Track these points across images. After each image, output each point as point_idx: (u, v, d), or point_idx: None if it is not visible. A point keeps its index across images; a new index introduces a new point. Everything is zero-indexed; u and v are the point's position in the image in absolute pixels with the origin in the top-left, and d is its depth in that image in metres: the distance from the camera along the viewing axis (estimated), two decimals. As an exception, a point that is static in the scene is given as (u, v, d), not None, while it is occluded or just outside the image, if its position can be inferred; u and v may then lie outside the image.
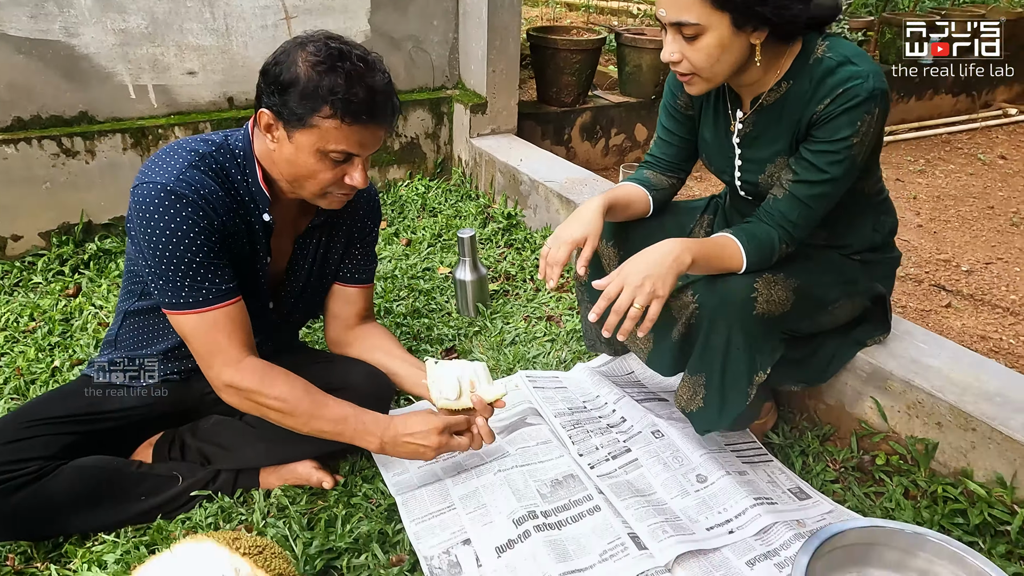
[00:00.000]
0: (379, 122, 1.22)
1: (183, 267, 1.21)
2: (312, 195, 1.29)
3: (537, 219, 2.69)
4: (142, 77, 2.50)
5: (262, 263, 1.39)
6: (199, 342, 1.26)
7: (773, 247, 1.34)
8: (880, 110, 1.21)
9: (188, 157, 1.24)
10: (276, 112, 1.20)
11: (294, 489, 1.48)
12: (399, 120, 2.99)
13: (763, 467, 1.54)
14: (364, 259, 1.57)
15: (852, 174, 1.28)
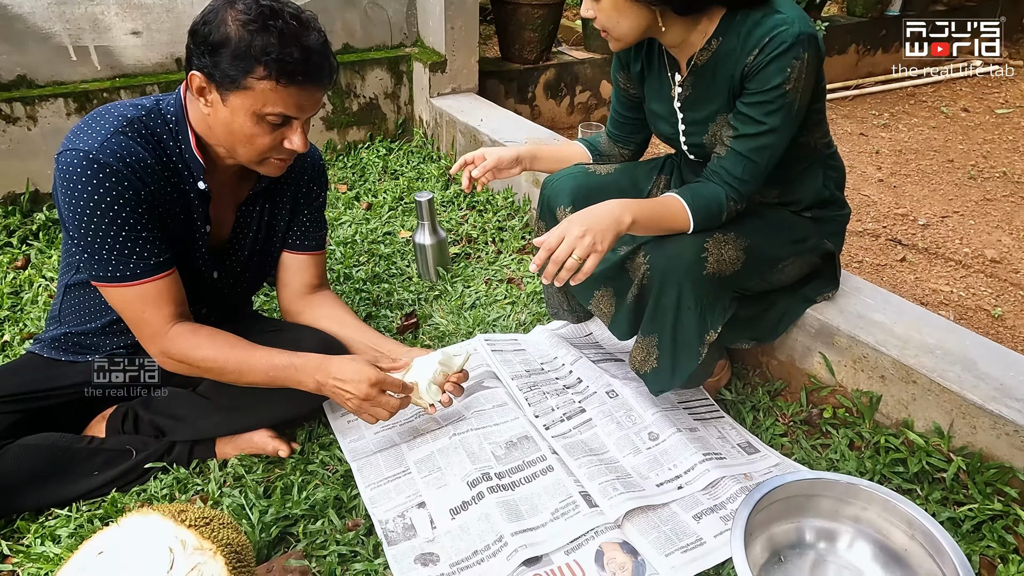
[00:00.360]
0: (316, 83, 1.18)
1: (108, 240, 1.18)
2: (250, 161, 1.26)
3: (499, 181, 2.66)
4: (83, 38, 2.39)
5: (200, 232, 1.35)
6: (129, 314, 1.26)
7: (721, 205, 1.34)
8: (810, 55, 1.21)
9: (115, 123, 1.19)
10: (208, 74, 1.16)
11: (251, 458, 1.49)
12: (358, 80, 2.92)
13: (714, 423, 1.58)
14: (312, 225, 1.54)
15: (791, 123, 1.28)
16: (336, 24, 2.85)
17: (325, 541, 1.29)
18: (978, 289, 2.31)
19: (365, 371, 1.29)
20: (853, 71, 4.64)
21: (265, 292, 2.09)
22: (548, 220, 1.67)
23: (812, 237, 1.49)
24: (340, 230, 2.48)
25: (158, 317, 1.25)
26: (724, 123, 1.35)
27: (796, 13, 1.22)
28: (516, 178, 2.55)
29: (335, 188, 2.80)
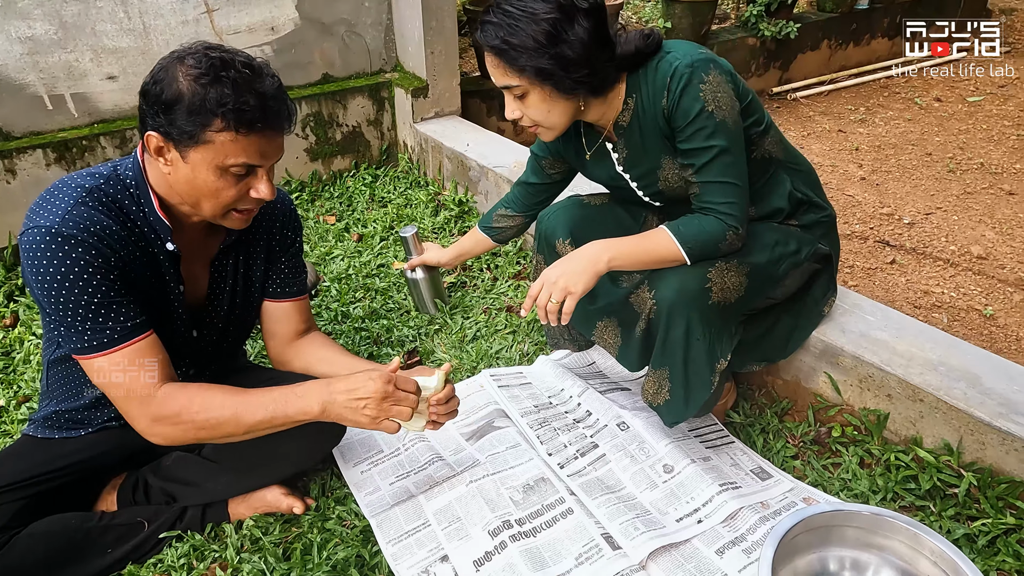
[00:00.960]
0: (276, 128, 1.16)
1: (81, 310, 1.14)
2: (215, 215, 1.22)
3: (489, 204, 2.65)
4: (57, 86, 2.35)
5: (175, 293, 1.32)
6: (114, 385, 1.19)
7: (715, 234, 1.34)
8: (712, 75, 1.27)
9: (74, 195, 1.16)
10: (164, 133, 1.13)
11: (266, 518, 1.47)
12: (340, 110, 2.90)
13: (726, 450, 1.59)
14: (291, 272, 1.50)
15: (736, 138, 1.32)
16: (314, 55, 2.83)
17: (350, 603, 1.28)
18: (968, 288, 2.35)
19: (373, 374, 1.22)
20: (826, 66, 4.69)
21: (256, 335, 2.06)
22: (547, 253, 1.68)
23: (805, 245, 1.50)
24: (333, 265, 2.46)
25: (143, 381, 1.19)
26: (671, 166, 1.40)
27: (683, 48, 1.31)
28: (507, 203, 2.54)
29: (323, 220, 2.77)
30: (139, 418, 1.20)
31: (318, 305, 2.23)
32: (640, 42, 1.32)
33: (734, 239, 1.35)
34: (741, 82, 1.36)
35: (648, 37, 1.32)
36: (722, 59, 1.33)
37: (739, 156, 1.33)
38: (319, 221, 2.77)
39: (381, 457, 1.60)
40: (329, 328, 2.13)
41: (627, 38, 1.32)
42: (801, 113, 4.18)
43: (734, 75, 1.33)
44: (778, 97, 4.44)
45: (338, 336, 2.09)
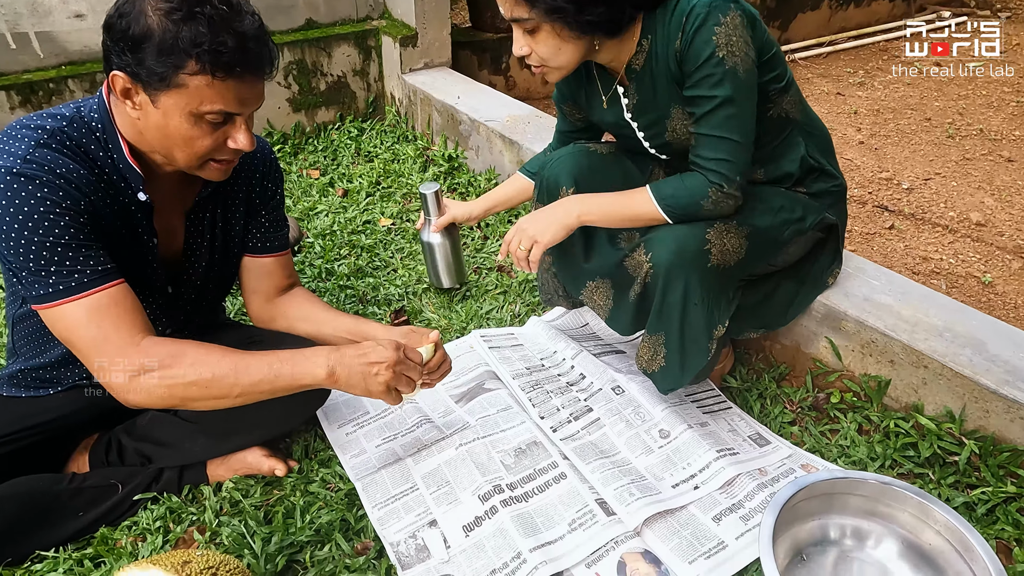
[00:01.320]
0: (256, 72, 1.06)
1: (46, 252, 1.03)
2: (190, 166, 1.12)
3: (480, 161, 2.56)
4: (20, 23, 2.19)
5: (148, 247, 1.22)
6: (82, 337, 1.06)
7: (699, 192, 1.27)
8: (731, 17, 1.18)
9: (34, 135, 1.05)
10: (131, 73, 1.02)
11: (246, 480, 1.41)
12: (324, 58, 2.76)
13: (723, 415, 1.55)
14: (272, 225, 1.41)
15: (745, 89, 1.22)
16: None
17: (335, 568, 1.24)
18: (966, 255, 2.31)
19: (384, 341, 1.16)
20: (826, 27, 4.58)
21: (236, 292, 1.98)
22: (546, 203, 1.58)
23: (811, 213, 1.44)
24: (317, 220, 2.36)
25: (119, 329, 1.06)
26: (681, 116, 1.31)
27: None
28: (500, 159, 2.45)
29: (307, 174, 2.66)
30: (115, 373, 1.06)
31: (301, 262, 2.15)
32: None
33: (719, 198, 1.26)
34: (765, 31, 1.26)
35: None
36: (747, 3, 1.22)
37: (744, 109, 1.23)
38: (302, 175, 2.66)
39: (367, 419, 1.54)
40: (313, 286, 2.05)
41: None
42: (799, 75, 4.08)
43: (757, 21, 1.23)
44: (777, 58, 4.33)
45: (322, 294, 2.01)
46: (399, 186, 2.57)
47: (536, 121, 2.47)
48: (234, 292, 1.95)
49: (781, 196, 1.40)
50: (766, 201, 1.39)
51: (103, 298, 1.07)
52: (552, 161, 1.56)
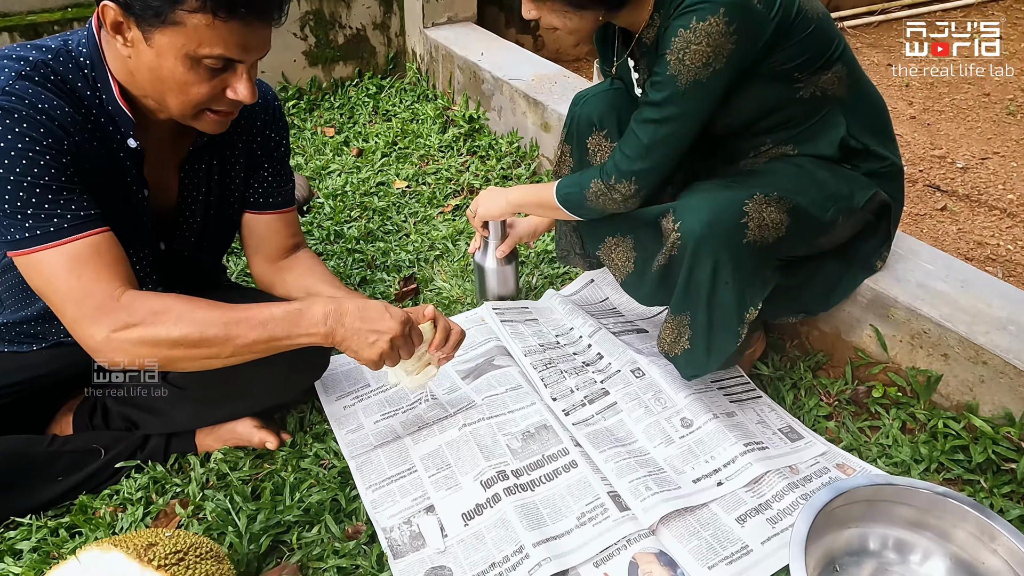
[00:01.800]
0: (263, 16, 0.94)
1: (23, 193, 0.93)
2: (183, 114, 1.01)
3: (502, 122, 2.42)
4: (25, -39, 2.09)
5: (137, 198, 1.11)
6: (58, 289, 0.95)
7: (584, 180, 1.28)
8: (710, 23, 1.05)
9: (15, 66, 0.95)
10: (123, 5, 0.90)
11: (236, 452, 1.33)
12: (343, 9, 2.62)
13: (752, 405, 1.42)
14: (276, 179, 1.29)
15: (681, 100, 1.13)
16: (316, -57, 2.53)
17: (322, 552, 1.14)
18: (1026, 241, 2.12)
19: (391, 309, 1.06)
20: (879, -6, 4.29)
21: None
22: (575, 144, 1.45)
23: (861, 190, 1.28)
24: (329, 180, 2.25)
25: (100, 281, 0.96)
26: None
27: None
28: (523, 120, 2.30)
29: (321, 132, 2.55)
30: (91, 329, 0.95)
31: (309, 223, 2.04)
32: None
33: (600, 189, 1.26)
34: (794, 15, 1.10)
35: None
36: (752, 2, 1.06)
37: (669, 118, 1.14)
38: (316, 132, 2.54)
39: (367, 392, 1.44)
40: (320, 248, 1.94)
41: None
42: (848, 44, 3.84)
43: (762, 21, 1.08)
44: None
45: (329, 257, 1.90)
46: (416, 147, 2.44)
47: (564, 81, 2.31)
48: (239, 252, 1.86)
49: (826, 169, 1.24)
50: (810, 174, 1.24)
51: (83, 246, 0.97)
52: (584, 98, 1.44)
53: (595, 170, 1.28)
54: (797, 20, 1.10)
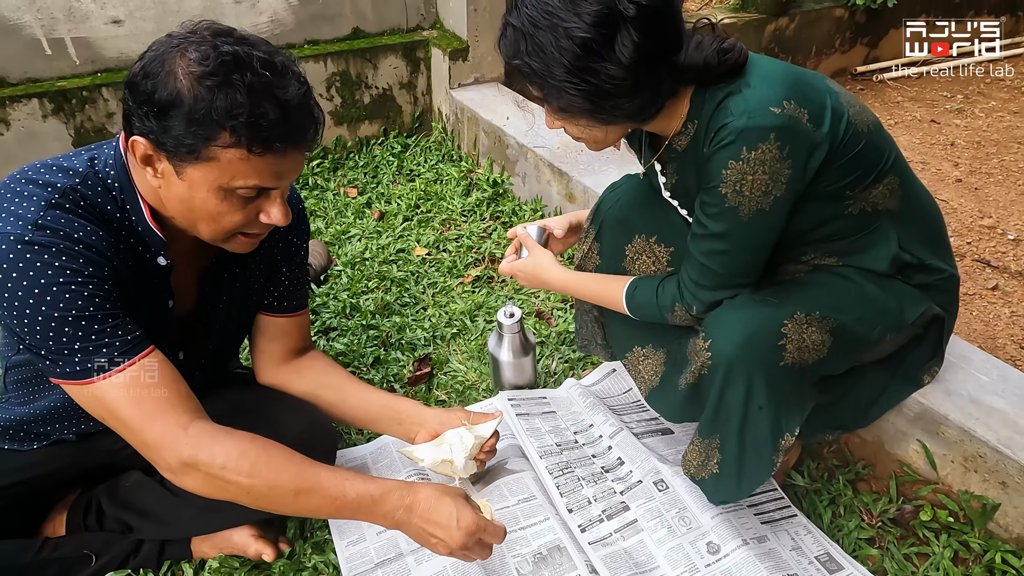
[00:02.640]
0: (298, 146, 0.93)
1: (68, 327, 0.91)
2: (214, 239, 1.01)
3: (527, 189, 2.36)
4: (57, 28, 2.12)
5: (162, 309, 1.11)
6: (123, 419, 0.95)
7: (665, 305, 1.18)
8: (761, 151, 0.96)
9: (45, 195, 0.93)
10: (155, 142, 0.90)
11: (231, 561, 1.26)
12: (370, 69, 2.61)
13: (786, 527, 1.30)
14: (293, 284, 1.28)
15: (745, 229, 1.04)
16: (345, 5, 2.53)
17: None
18: (1089, 329, 1.97)
19: (463, 515, 1.01)
20: (920, 44, 4.17)
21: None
22: (605, 245, 1.38)
23: (912, 305, 1.16)
24: (348, 246, 2.21)
25: (165, 411, 0.96)
26: None
27: (758, 94, 0.98)
28: (548, 189, 2.24)
29: (344, 193, 2.52)
30: (161, 456, 0.97)
31: (325, 294, 1.99)
32: (713, 57, 0.99)
33: (684, 316, 1.17)
34: (842, 134, 1.01)
35: (725, 53, 1.00)
36: (802, 123, 0.97)
37: (737, 246, 1.07)
38: (339, 193, 2.52)
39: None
40: (335, 323, 1.89)
41: (701, 42, 1.01)
42: (888, 98, 3.72)
43: (817, 146, 0.99)
44: (862, 78, 3.97)
45: (343, 333, 1.85)
46: (439, 211, 2.39)
47: (589, 152, 2.24)
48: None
49: (876, 283, 1.14)
50: (857, 289, 1.13)
51: (138, 372, 0.97)
52: (617, 201, 1.37)
53: (672, 294, 1.17)
54: (847, 137, 1.01)
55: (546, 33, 0.93)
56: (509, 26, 0.99)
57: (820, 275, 1.15)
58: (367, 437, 1.54)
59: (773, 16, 3.53)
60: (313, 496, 0.99)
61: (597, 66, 0.93)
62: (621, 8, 0.91)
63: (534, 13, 0.94)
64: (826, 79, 1.06)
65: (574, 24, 0.91)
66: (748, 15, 3.51)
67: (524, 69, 0.98)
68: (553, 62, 0.94)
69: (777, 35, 3.61)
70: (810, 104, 0.98)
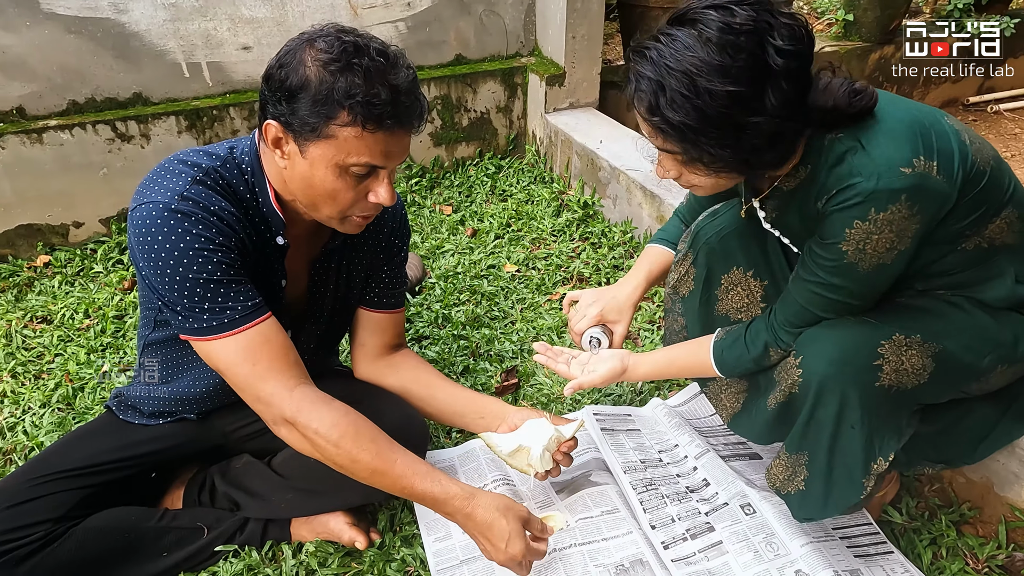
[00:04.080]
0: (406, 126, 1.04)
1: (200, 288, 1.06)
2: (330, 218, 1.12)
3: (617, 211, 2.39)
4: (195, 54, 2.34)
5: (276, 287, 1.23)
6: (237, 373, 1.09)
7: (759, 357, 1.18)
8: (890, 213, 0.94)
9: (191, 172, 1.08)
10: (285, 123, 1.02)
11: (326, 547, 1.33)
12: (469, 94, 2.73)
13: (881, 563, 1.25)
14: (392, 282, 1.39)
15: (861, 282, 1.03)
16: (449, 34, 2.67)
17: (398, 674, 1.11)
18: None
19: (513, 542, 1.10)
20: (1042, 74, 3.93)
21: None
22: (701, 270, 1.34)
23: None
24: (442, 260, 2.30)
25: (273, 371, 1.09)
26: None
27: (890, 155, 0.93)
28: (639, 212, 2.27)
29: (439, 210, 2.63)
30: (268, 411, 1.10)
31: (419, 304, 2.09)
32: (843, 100, 0.96)
33: (780, 355, 1.16)
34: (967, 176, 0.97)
35: (856, 95, 0.96)
36: (932, 178, 0.93)
37: (848, 299, 1.06)
38: (435, 210, 2.63)
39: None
40: (428, 332, 1.97)
41: (829, 84, 0.97)
42: (1003, 129, 3.52)
43: (945, 192, 0.96)
44: (975, 108, 3.78)
45: (435, 342, 1.93)
46: (529, 230, 2.46)
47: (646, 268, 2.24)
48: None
49: (987, 312, 1.09)
50: (966, 316, 1.09)
51: (254, 335, 1.09)
52: (719, 232, 1.32)
53: (761, 339, 1.16)
54: (971, 178, 0.98)
55: (690, 87, 0.89)
56: (644, 78, 0.94)
57: (926, 299, 1.11)
58: (455, 440, 1.60)
59: (878, 44, 3.44)
60: (385, 479, 1.11)
61: (747, 120, 0.91)
62: (769, 60, 0.89)
63: (676, 66, 0.90)
64: (945, 116, 1.02)
65: (722, 79, 0.88)
66: (851, 43, 3.44)
67: (662, 125, 0.94)
68: (700, 117, 0.91)
69: (882, 64, 3.51)
70: (940, 156, 0.95)
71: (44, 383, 1.79)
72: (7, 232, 2.26)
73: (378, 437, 1.12)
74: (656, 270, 1.48)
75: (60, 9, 2.12)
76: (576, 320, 1.47)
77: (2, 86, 2.14)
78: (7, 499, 1.16)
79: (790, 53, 0.90)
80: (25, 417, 1.68)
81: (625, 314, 1.45)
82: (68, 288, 2.20)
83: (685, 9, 0.94)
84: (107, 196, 2.35)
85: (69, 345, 1.95)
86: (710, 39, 0.89)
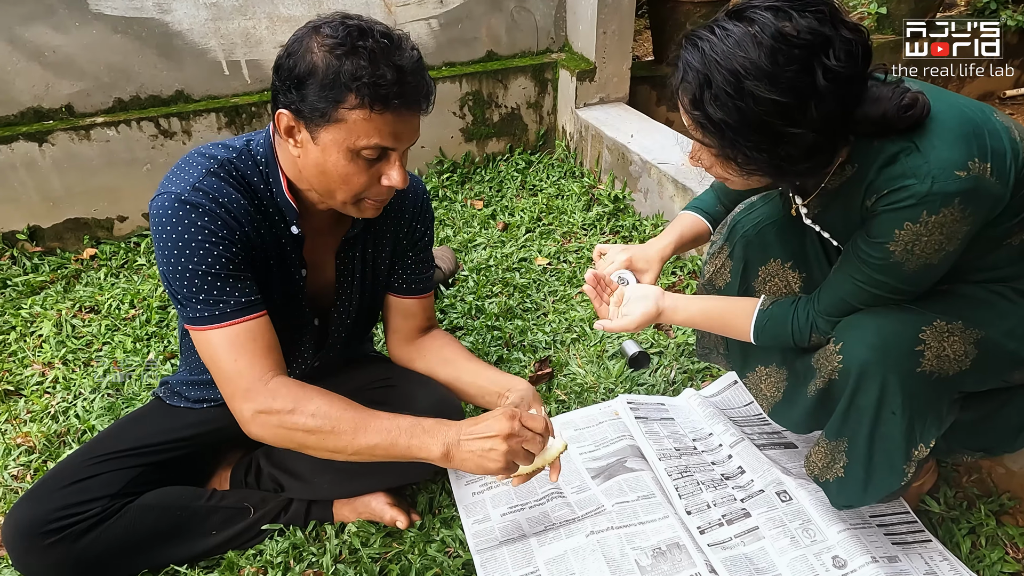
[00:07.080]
0: (413, 106, 1.05)
1: (198, 279, 1.09)
2: (344, 204, 1.13)
3: (648, 205, 2.40)
4: (235, 52, 2.41)
5: (296, 277, 1.25)
6: (219, 366, 1.10)
7: (799, 335, 1.18)
8: (942, 216, 0.93)
9: (206, 164, 1.12)
10: (295, 111, 1.04)
11: (368, 527, 1.37)
12: (500, 90, 2.76)
13: (919, 551, 1.25)
14: (418, 268, 1.41)
15: (906, 279, 1.03)
16: (481, 30, 2.70)
17: (441, 649, 1.14)
18: None
19: (496, 411, 1.11)
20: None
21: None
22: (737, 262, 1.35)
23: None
24: (474, 253, 2.34)
25: (253, 366, 1.10)
26: None
27: (944, 157, 0.92)
28: (670, 205, 2.27)
29: (471, 204, 2.66)
30: (241, 406, 1.11)
31: (453, 295, 2.12)
32: (894, 111, 0.94)
33: (820, 340, 1.17)
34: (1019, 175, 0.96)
35: (908, 109, 0.94)
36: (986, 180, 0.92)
37: (890, 291, 1.06)
38: (466, 205, 2.66)
39: (496, 481, 1.44)
40: (462, 323, 2.01)
41: (880, 96, 0.95)
42: (1042, 123, 3.45)
43: (998, 194, 0.95)
44: (1012, 102, 3.71)
45: (469, 332, 1.96)
46: (560, 224, 2.48)
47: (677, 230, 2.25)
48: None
49: None
50: (1009, 304, 1.08)
51: (241, 331, 1.12)
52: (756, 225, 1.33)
53: (804, 321, 1.17)
54: (1022, 175, 0.97)
55: (736, 87, 0.89)
56: (692, 69, 0.93)
57: (968, 287, 1.11)
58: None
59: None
60: (371, 432, 1.08)
61: (786, 130, 0.91)
62: (819, 77, 0.88)
63: (725, 63, 0.90)
64: (994, 112, 1.00)
65: (769, 86, 0.88)
66: (884, 36, 3.40)
67: (702, 120, 0.95)
68: (740, 119, 0.91)
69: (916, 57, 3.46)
70: (995, 157, 0.93)
71: (93, 370, 1.86)
72: (56, 226, 2.34)
73: (354, 403, 1.11)
74: (688, 234, 1.49)
75: (107, 10, 2.19)
76: (604, 266, 1.46)
77: (52, 85, 2.22)
78: (68, 476, 1.21)
79: (839, 76, 0.88)
80: (76, 402, 1.74)
81: (653, 264, 1.44)
82: (113, 280, 2.27)
83: (745, 5, 0.93)
84: (150, 191, 2.34)
85: (116, 334, 2.02)
86: (762, 43, 0.88)
